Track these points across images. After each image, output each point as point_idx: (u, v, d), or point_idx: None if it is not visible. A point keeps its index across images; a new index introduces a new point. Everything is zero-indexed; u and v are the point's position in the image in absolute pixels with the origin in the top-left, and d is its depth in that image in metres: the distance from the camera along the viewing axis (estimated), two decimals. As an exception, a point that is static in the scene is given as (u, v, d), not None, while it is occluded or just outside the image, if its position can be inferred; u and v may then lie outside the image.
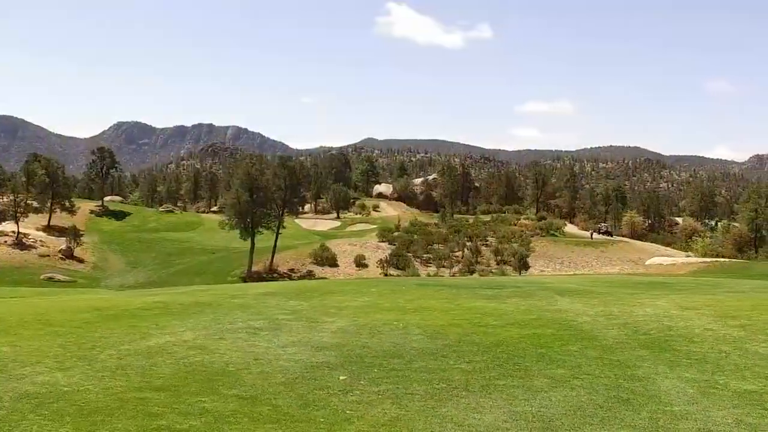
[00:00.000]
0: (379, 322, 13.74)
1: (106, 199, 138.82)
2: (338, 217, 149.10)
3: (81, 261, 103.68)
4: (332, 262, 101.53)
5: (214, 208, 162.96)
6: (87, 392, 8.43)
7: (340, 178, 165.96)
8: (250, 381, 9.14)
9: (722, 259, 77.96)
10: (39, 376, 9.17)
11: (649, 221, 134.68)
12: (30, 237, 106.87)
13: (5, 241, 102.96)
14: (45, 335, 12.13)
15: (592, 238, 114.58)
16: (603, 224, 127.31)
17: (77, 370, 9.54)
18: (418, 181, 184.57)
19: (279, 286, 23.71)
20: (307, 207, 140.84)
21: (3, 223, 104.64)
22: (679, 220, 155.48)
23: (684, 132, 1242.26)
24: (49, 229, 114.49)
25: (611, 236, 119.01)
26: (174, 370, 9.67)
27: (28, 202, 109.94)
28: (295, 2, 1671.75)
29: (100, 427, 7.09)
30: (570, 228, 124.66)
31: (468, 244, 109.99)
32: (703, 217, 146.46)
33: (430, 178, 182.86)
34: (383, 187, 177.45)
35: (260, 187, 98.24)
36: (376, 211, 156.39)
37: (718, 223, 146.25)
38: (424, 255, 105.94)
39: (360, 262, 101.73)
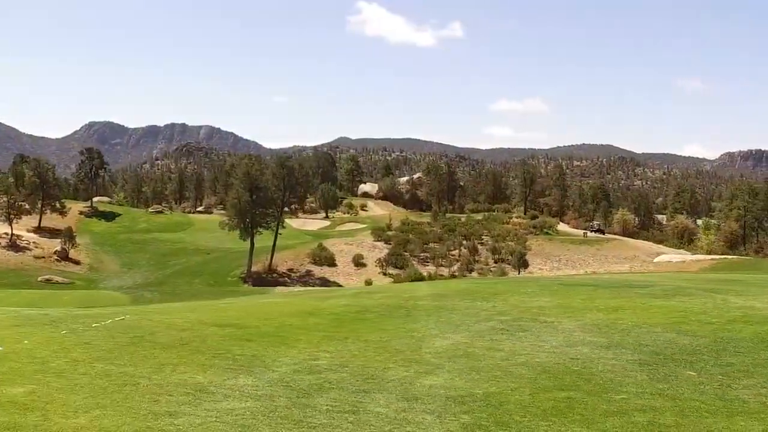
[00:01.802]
0: (607, 321, 14.17)
1: (94, 199, 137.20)
2: (327, 217, 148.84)
3: (77, 263, 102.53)
4: (330, 262, 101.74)
5: (200, 208, 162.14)
6: (530, 398, 8.68)
7: (326, 177, 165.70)
8: (624, 380, 9.41)
9: (730, 257, 79.52)
10: (428, 378, 9.29)
11: (639, 219, 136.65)
12: (23, 239, 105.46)
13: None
14: (327, 340, 12.24)
15: (585, 236, 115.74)
16: (595, 222, 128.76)
17: (465, 375, 9.73)
18: (404, 180, 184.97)
19: (439, 288, 23.73)
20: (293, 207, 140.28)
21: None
22: (661, 217, 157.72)
23: (655, 130, 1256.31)
24: (39, 230, 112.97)
25: (603, 234, 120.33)
26: (561, 371, 9.99)
27: (19, 203, 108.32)
28: (267, 0, 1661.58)
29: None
30: (562, 226, 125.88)
31: (464, 243, 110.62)
32: (692, 214, 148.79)
33: (416, 177, 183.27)
34: (368, 187, 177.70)
35: (260, 187, 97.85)
36: (364, 210, 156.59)
37: (698, 221, 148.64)
38: (421, 254, 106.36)
39: (358, 262, 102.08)
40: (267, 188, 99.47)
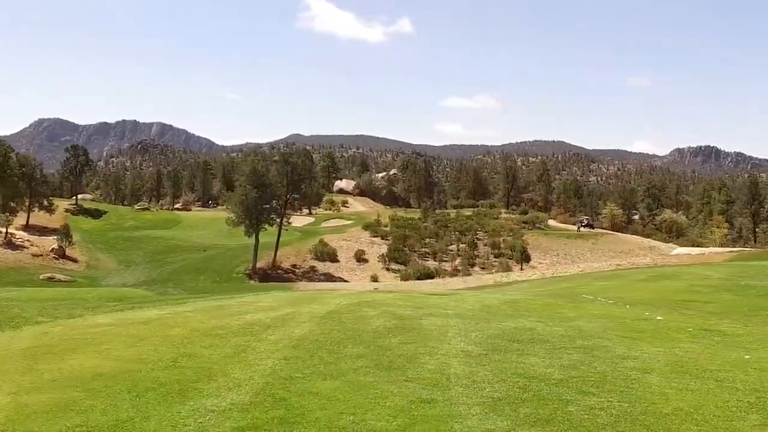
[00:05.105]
0: None
1: (78, 197, 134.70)
2: (310, 213, 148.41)
3: (74, 260, 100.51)
4: (333, 258, 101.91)
5: (178, 205, 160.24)
6: None
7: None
8: None
9: (746, 249, 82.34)
10: None
11: (627, 214, 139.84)
12: (17, 237, 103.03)
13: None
14: (747, 317, 12.98)
15: (578, 230, 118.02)
16: (584, 217, 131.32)
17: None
18: (380, 176, 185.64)
19: (680, 278, 24.37)
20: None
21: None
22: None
23: (605, 127, 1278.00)
24: (28, 228, 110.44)
25: (593, 229, 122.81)
26: None
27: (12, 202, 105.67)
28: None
29: None
30: (551, 221, 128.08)
31: (461, 238, 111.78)
32: (680, 209, 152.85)
33: (392, 173, 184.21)
34: (344, 183, 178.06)
35: (266, 183, 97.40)
36: (346, 206, 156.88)
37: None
38: (421, 249, 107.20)
39: (360, 258, 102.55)
40: (272, 184, 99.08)
